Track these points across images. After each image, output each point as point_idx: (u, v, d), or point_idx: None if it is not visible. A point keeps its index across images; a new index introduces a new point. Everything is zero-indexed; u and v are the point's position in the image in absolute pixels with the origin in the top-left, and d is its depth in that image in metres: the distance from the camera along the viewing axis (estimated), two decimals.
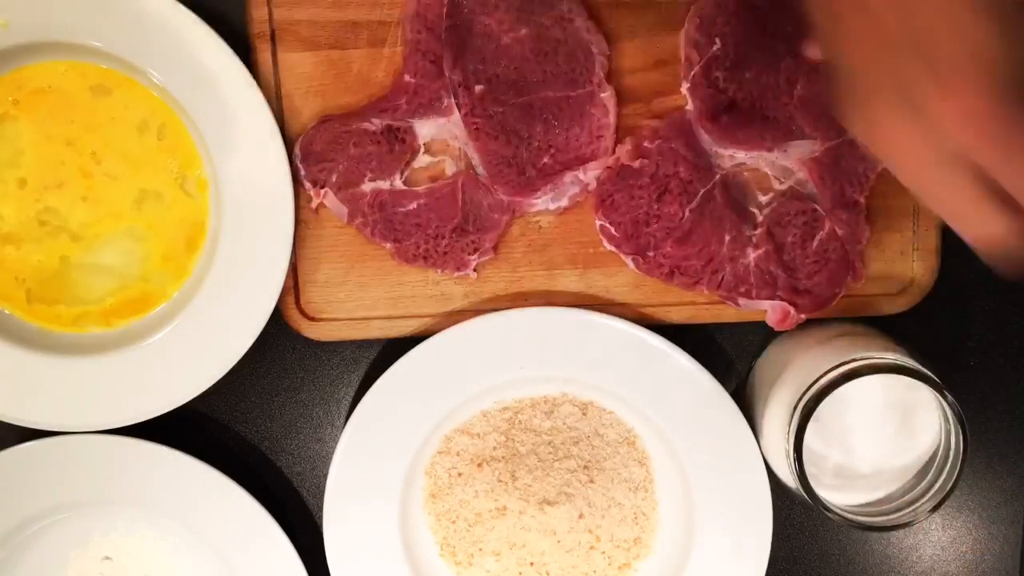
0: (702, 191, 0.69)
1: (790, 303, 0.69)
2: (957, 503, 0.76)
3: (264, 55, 0.68)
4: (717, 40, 0.67)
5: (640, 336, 0.70)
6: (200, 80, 0.66)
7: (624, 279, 0.72)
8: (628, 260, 0.70)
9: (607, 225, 0.69)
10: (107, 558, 0.74)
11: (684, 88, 0.68)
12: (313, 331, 0.72)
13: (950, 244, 0.72)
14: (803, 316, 0.70)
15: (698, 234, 0.69)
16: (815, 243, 0.69)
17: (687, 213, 0.69)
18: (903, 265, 0.72)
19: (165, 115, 0.68)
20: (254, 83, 0.66)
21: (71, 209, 0.68)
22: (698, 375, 0.70)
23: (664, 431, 0.72)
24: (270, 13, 0.68)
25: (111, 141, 0.68)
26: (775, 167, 0.70)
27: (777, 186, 0.70)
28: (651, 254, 0.70)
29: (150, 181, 0.68)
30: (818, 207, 0.69)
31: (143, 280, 0.70)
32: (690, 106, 0.69)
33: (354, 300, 0.72)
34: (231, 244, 0.68)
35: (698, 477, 0.72)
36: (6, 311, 0.69)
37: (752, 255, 0.69)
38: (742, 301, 0.70)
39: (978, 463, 0.76)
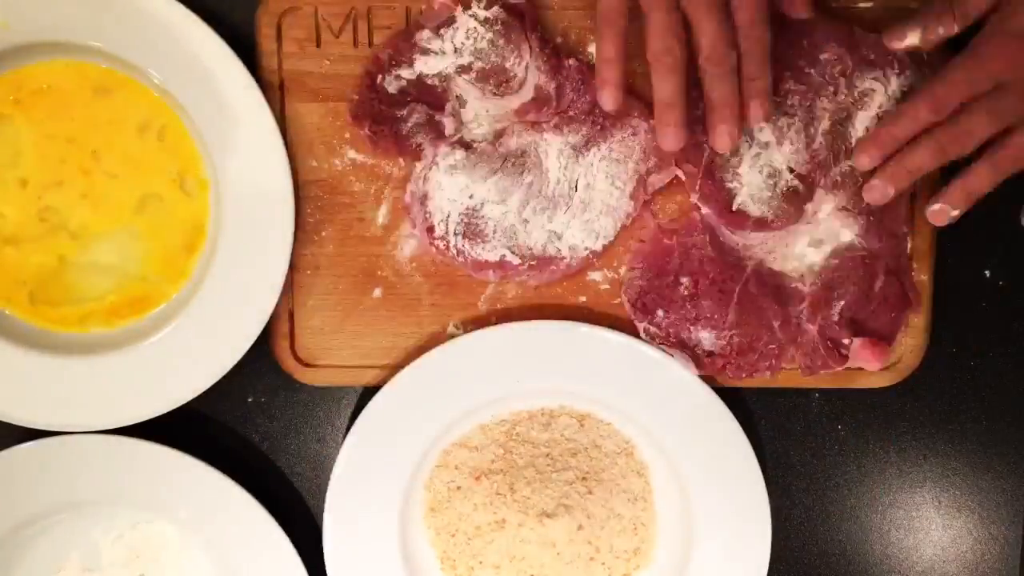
0: (737, 288, 0.69)
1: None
2: (957, 503, 0.76)
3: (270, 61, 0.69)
4: (706, 146, 0.67)
5: (637, 348, 0.70)
6: (201, 81, 0.66)
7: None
8: (681, 361, 0.70)
9: (650, 327, 0.70)
10: (107, 558, 0.74)
11: (694, 198, 0.69)
12: (307, 376, 0.72)
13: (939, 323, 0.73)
14: (889, 344, 0.70)
15: (744, 330, 0.69)
16: (876, 288, 0.69)
17: (730, 314, 0.69)
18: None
19: (166, 116, 0.68)
20: (255, 84, 0.66)
21: (71, 208, 0.68)
22: (695, 386, 0.70)
23: (662, 442, 0.72)
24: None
25: (111, 141, 0.68)
26: (808, 237, 0.70)
27: (813, 256, 0.70)
28: (701, 353, 0.70)
29: (150, 181, 0.68)
30: (867, 251, 0.69)
31: (142, 280, 0.70)
32: (706, 210, 0.69)
33: (349, 348, 0.72)
34: (231, 244, 0.68)
35: (696, 486, 0.72)
36: (8, 313, 0.69)
37: (812, 329, 0.69)
38: (823, 372, 0.70)
39: (978, 463, 0.76)
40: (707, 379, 0.70)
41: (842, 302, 0.69)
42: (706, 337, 0.70)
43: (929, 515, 0.76)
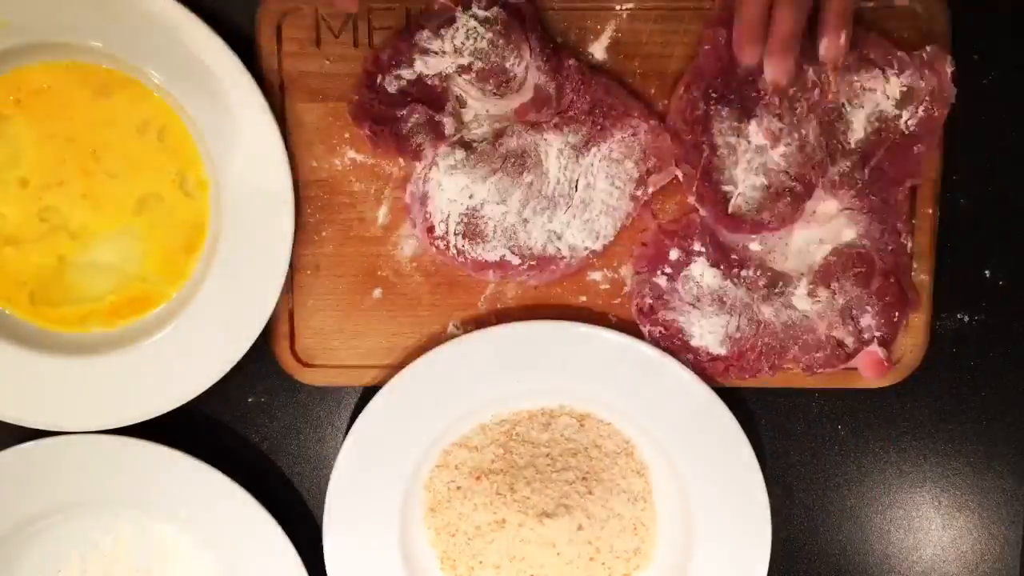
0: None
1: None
2: (957, 503, 0.76)
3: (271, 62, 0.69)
4: (705, 147, 0.68)
5: (637, 347, 0.70)
6: (201, 81, 0.66)
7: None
8: (681, 361, 0.70)
9: (654, 330, 0.70)
10: (106, 557, 0.74)
11: (691, 200, 0.69)
12: (307, 376, 0.72)
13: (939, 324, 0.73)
14: (890, 359, 0.70)
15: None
16: (874, 286, 0.69)
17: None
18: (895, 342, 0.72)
19: (166, 116, 0.68)
20: (255, 84, 0.66)
21: (71, 207, 0.68)
22: (694, 385, 0.70)
23: (662, 442, 0.72)
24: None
25: (111, 141, 0.68)
26: (807, 236, 0.70)
27: (814, 255, 0.70)
28: (702, 356, 0.70)
29: (150, 181, 0.68)
30: (868, 250, 0.69)
31: (142, 280, 0.70)
32: (704, 212, 0.69)
33: (348, 348, 0.72)
34: (231, 244, 0.68)
35: (696, 486, 0.72)
36: (8, 312, 0.69)
37: (821, 326, 0.69)
38: (822, 370, 0.70)
39: (978, 463, 0.76)
40: (707, 379, 0.70)
41: (839, 296, 0.69)
42: (708, 336, 0.70)
43: (929, 515, 0.76)
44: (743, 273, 0.69)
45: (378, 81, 0.68)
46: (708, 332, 0.69)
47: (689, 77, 0.68)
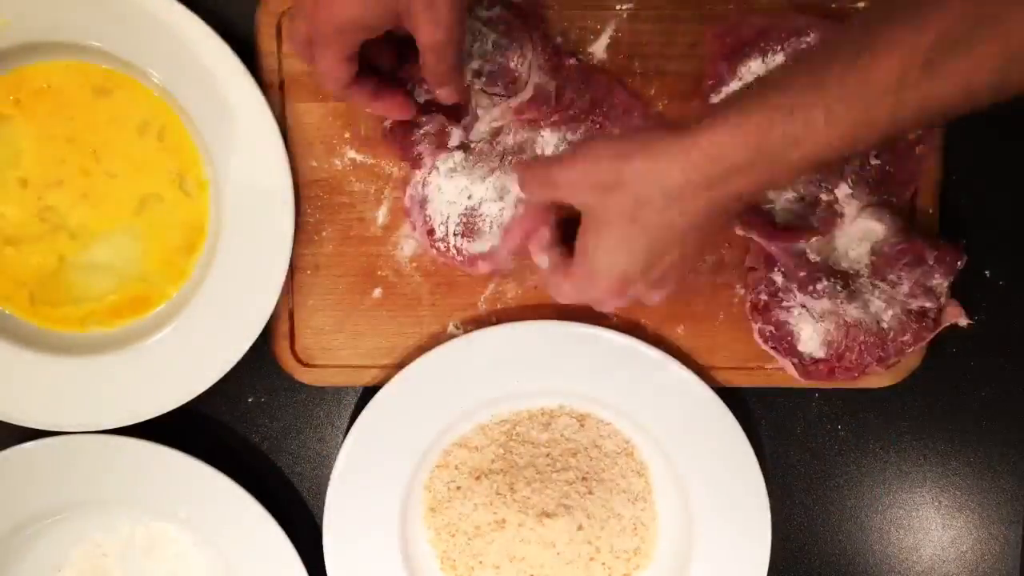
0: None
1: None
2: (957, 503, 0.76)
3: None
4: None
5: (637, 348, 0.70)
6: (201, 81, 0.66)
7: None
8: (788, 365, 0.70)
9: (764, 328, 0.70)
10: (106, 557, 0.74)
11: (739, 231, 0.69)
12: (307, 376, 0.72)
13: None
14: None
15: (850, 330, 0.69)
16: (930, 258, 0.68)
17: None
18: None
19: (166, 116, 0.68)
20: (255, 84, 0.66)
21: (71, 207, 0.68)
22: (694, 385, 0.70)
23: (662, 441, 0.72)
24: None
25: (111, 141, 0.68)
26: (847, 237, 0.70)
27: (858, 251, 0.69)
28: (808, 361, 0.69)
29: (150, 181, 0.68)
30: (902, 230, 0.68)
31: (142, 280, 0.70)
32: (756, 237, 0.69)
33: (348, 348, 0.72)
34: (231, 244, 0.68)
35: (696, 486, 0.72)
36: (8, 312, 0.69)
37: (898, 309, 0.69)
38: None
39: (978, 463, 0.76)
40: (707, 379, 0.70)
41: (904, 280, 0.68)
42: (811, 341, 0.69)
43: (929, 515, 0.76)
44: (818, 287, 0.68)
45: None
46: (813, 335, 0.69)
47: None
